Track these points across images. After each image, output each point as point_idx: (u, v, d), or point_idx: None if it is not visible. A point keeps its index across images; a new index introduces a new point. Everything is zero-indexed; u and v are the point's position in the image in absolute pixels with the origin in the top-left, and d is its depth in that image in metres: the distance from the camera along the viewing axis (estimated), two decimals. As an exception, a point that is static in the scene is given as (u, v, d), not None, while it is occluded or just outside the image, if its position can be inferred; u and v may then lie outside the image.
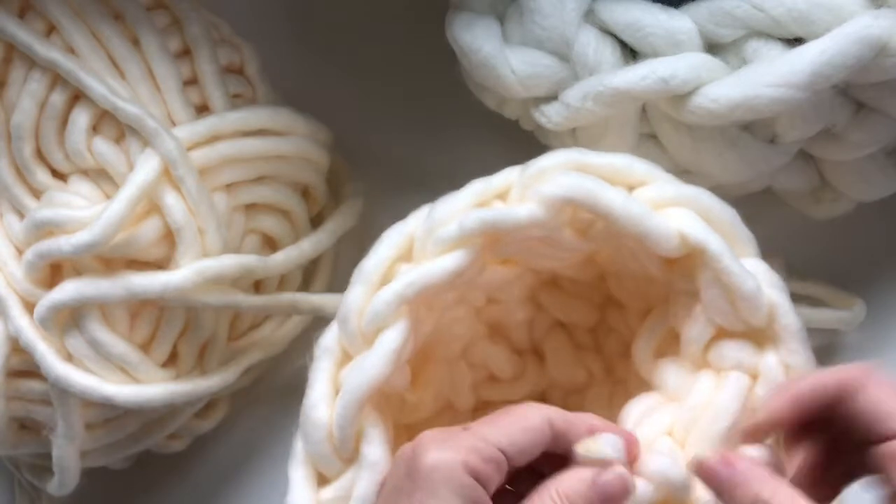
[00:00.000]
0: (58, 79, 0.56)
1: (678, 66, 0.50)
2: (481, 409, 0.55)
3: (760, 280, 0.44)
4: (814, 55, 0.48)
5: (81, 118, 0.56)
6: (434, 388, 0.53)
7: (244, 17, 0.62)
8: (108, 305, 0.55)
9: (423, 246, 0.45)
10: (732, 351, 0.44)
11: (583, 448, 0.41)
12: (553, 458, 0.42)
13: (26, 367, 0.57)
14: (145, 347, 0.57)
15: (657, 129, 0.54)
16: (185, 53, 0.58)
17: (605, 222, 0.44)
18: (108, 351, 0.55)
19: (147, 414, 0.60)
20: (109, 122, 0.56)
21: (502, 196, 0.46)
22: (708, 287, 0.44)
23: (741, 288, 0.43)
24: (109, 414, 0.59)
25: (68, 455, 0.58)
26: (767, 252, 0.61)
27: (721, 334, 0.45)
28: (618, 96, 0.51)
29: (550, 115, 0.54)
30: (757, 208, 0.61)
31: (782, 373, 0.43)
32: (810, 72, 0.48)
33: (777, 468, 0.41)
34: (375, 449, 0.44)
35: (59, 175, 0.57)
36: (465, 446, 0.40)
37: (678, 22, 0.51)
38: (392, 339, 0.44)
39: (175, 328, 0.58)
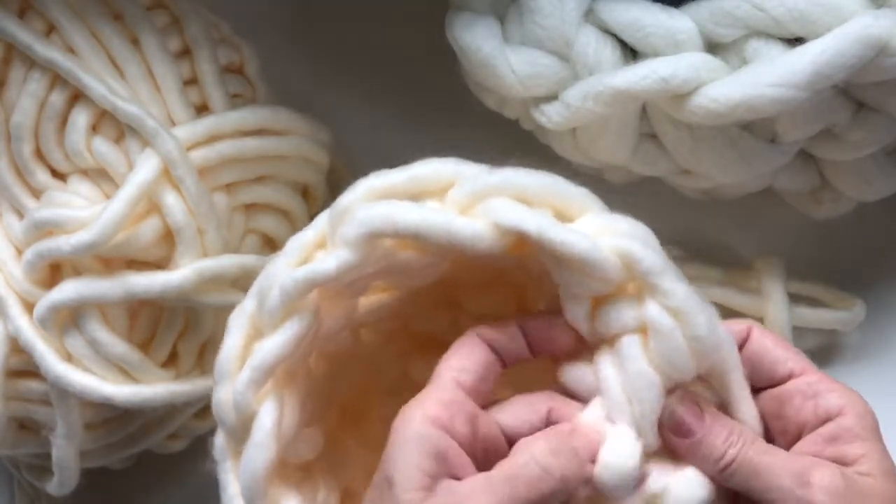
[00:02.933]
0: (57, 79, 0.56)
1: (678, 65, 0.50)
2: None
3: (601, 233, 0.41)
4: (814, 55, 0.48)
5: (81, 118, 0.56)
6: (382, 424, 0.52)
7: (244, 17, 0.62)
8: (108, 305, 0.55)
9: (261, 322, 0.44)
10: (614, 316, 0.41)
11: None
12: None
13: (26, 367, 0.57)
14: (145, 347, 0.57)
15: (657, 129, 0.54)
16: (185, 53, 0.58)
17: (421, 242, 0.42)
18: (107, 351, 0.55)
19: (147, 414, 0.60)
20: (109, 121, 0.56)
21: (322, 244, 0.44)
22: (552, 266, 0.41)
23: (574, 253, 0.40)
24: (109, 414, 0.59)
25: (68, 455, 0.58)
26: (767, 252, 0.61)
27: (596, 302, 0.42)
28: (618, 96, 0.51)
29: (550, 115, 0.54)
30: (757, 208, 0.61)
31: (670, 319, 0.40)
32: (810, 72, 0.48)
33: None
34: None
35: (58, 175, 0.57)
36: (424, 399, 0.41)
37: (678, 22, 0.51)
38: (263, 423, 0.43)
39: (175, 328, 0.58)
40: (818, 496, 0.39)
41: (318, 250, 0.44)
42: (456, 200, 0.43)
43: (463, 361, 0.42)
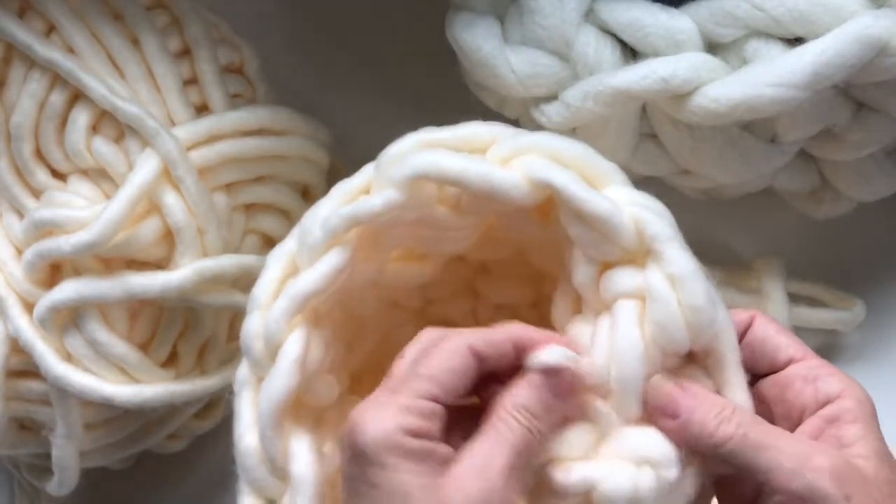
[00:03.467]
0: (57, 79, 0.56)
1: (678, 65, 0.50)
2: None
3: (621, 201, 0.42)
4: (814, 55, 0.48)
5: (81, 118, 0.56)
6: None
7: (244, 17, 0.62)
8: (108, 305, 0.55)
9: (300, 258, 0.46)
10: (616, 280, 0.42)
11: (532, 361, 0.41)
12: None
13: (26, 367, 0.57)
14: (145, 347, 0.57)
15: (657, 129, 0.54)
16: (185, 53, 0.58)
17: (461, 189, 0.44)
18: (107, 351, 0.55)
19: (147, 414, 0.60)
20: (109, 121, 0.56)
21: (366, 190, 0.46)
22: (571, 224, 0.43)
23: (597, 212, 0.41)
24: (109, 414, 0.59)
25: (68, 455, 0.58)
26: (767, 252, 0.61)
27: (604, 268, 0.43)
28: (618, 96, 0.51)
29: (550, 115, 0.54)
30: (757, 208, 0.61)
31: (668, 285, 0.41)
32: (810, 72, 0.48)
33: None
34: (301, 464, 0.43)
35: (58, 175, 0.57)
36: (396, 410, 0.40)
37: (678, 22, 0.51)
38: (290, 350, 0.44)
39: (175, 328, 0.58)
40: (821, 478, 0.39)
41: (361, 195, 0.46)
42: (496, 155, 0.45)
43: (445, 378, 0.41)
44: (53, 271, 0.56)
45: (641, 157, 0.56)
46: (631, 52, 0.53)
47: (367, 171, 0.46)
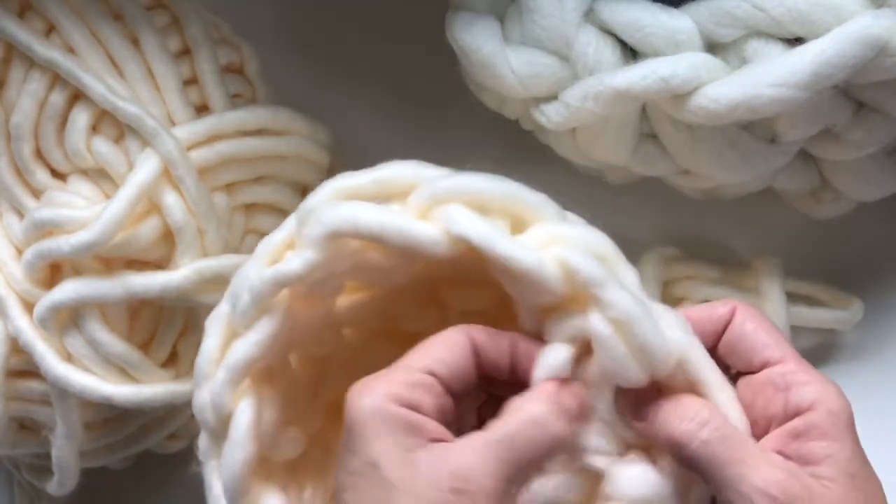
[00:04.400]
0: (57, 79, 0.56)
1: (678, 65, 0.50)
2: None
3: (550, 242, 0.41)
4: (814, 55, 0.48)
5: (81, 118, 0.56)
6: None
7: (244, 17, 0.62)
8: (108, 305, 0.55)
9: (234, 323, 0.45)
10: (557, 328, 0.41)
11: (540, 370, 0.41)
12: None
13: (26, 367, 0.57)
14: (145, 347, 0.57)
15: (657, 129, 0.54)
16: (185, 53, 0.58)
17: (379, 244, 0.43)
18: (107, 351, 0.55)
19: (147, 414, 0.60)
20: (109, 121, 0.56)
21: (291, 245, 0.44)
22: (501, 276, 0.42)
23: (518, 266, 0.40)
24: (109, 414, 0.59)
25: (68, 455, 0.58)
26: (766, 252, 0.61)
27: (545, 314, 0.42)
28: (618, 96, 0.51)
29: (550, 115, 0.54)
30: (757, 208, 0.61)
31: (611, 330, 0.39)
32: (810, 72, 0.48)
33: None
34: None
35: (58, 175, 0.57)
36: (387, 380, 0.40)
37: (678, 22, 0.51)
38: (240, 421, 0.43)
39: (175, 328, 0.58)
40: None
41: (287, 251, 0.44)
42: (415, 204, 0.43)
43: (443, 353, 0.41)
44: (53, 271, 0.56)
45: (641, 157, 0.56)
46: (631, 52, 0.53)
47: (289, 224, 0.45)
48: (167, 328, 0.57)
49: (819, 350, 0.62)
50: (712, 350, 0.42)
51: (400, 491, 0.37)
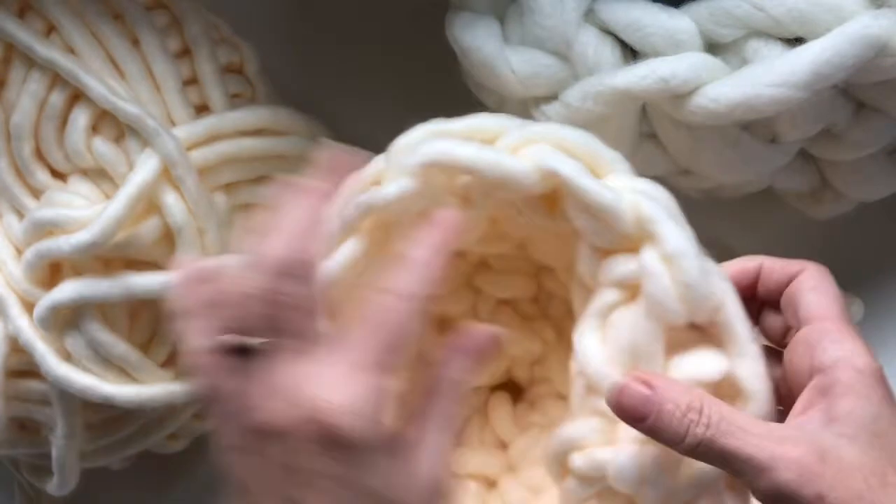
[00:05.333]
0: (57, 79, 0.56)
1: (678, 65, 0.50)
2: None
3: (623, 189, 0.44)
4: (814, 55, 0.48)
5: (81, 118, 0.56)
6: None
7: (244, 17, 0.62)
8: (108, 305, 0.55)
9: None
10: (612, 266, 0.44)
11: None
12: None
13: (26, 367, 0.57)
14: (145, 347, 0.57)
15: (657, 128, 0.54)
16: (185, 53, 0.58)
17: (473, 177, 0.45)
18: (107, 351, 0.55)
19: (147, 414, 0.60)
20: (109, 122, 0.56)
21: (377, 182, 0.47)
22: (575, 213, 0.44)
23: (598, 200, 0.42)
24: (109, 414, 0.59)
25: (68, 455, 0.58)
26: (767, 252, 0.61)
27: (603, 256, 0.44)
28: (618, 96, 0.51)
29: (550, 115, 0.54)
30: (757, 208, 0.61)
31: (661, 263, 0.42)
32: (810, 72, 0.48)
33: None
34: None
35: (58, 175, 0.57)
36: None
37: (678, 22, 0.51)
38: None
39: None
40: (789, 477, 0.37)
41: (373, 186, 0.46)
42: (506, 144, 0.45)
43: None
44: (53, 271, 0.56)
45: (641, 157, 0.56)
46: (631, 52, 0.53)
47: (377, 163, 0.47)
48: (167, 328, 0.57)
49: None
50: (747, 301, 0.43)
51: None
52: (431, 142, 0.45)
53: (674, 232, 0.42)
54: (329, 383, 0.38)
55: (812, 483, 0.37)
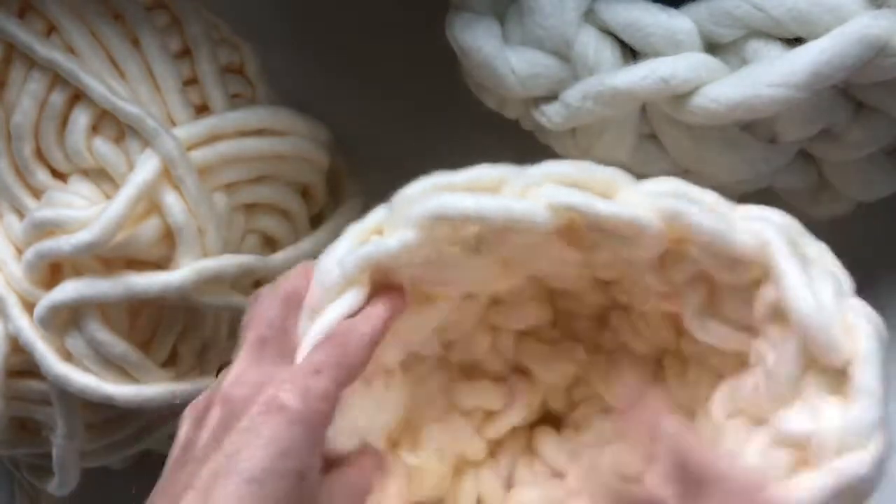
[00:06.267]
0: (58, 79, 0.56)
1: (678, 66, 0.50)
2: (495, 450, 0.55)
3: (639, 201, 0.44)
4: (814, 55, 0.48)
5: (81, 118, 0.56)
6: (435, 449, 0.53)
7: (244, 17, 0.62)
8: (108, 305, 0.55)
9: (319, 300, 0.46)
10: (679, 268, 0.45)
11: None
12: None
13: (26, 367, 0.57)
14: (145, 347, 0.57)
15: (657, 129, 0.54)
16: (185, 53, 0.58)
17: (482, 226, 0.45)
18: (107, 351, 0.55)
19: (147, 414, 0.60)
20: (109, 122, 0.56)
21: (378, 231, 0.46)
22: (604, 240, 0.44)
23: (621, 217, 0.43)
24: (109, 414, 0.59)
25: (68, 455, 0.58)
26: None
27: (663, 266, 0.46)
28: (618, 96, 0.51)
29: (550, 115, 0.54)
30: (757, 208, 0.61)
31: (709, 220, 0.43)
32: (810, 72, 0.48)
33: None
34: None
35: (59, 175, 0.57)
36: None
37: (678, 22, 0.51)
38: None
39: (175, 328, 0.58)
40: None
41: (374, 236, 0.46)
42: (511, 191, 0.45)
43: None
44: (53, 271, 0.56)
45: (641, 157, 0.56)
46: (631, 52, 0.53)
47: (378, 213, 0.47)
48: (167, 328, 0.57)
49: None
50: None
51: None
52: (435, 195, 0.45)
53: (704, 216, 0.43)
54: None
55: None
